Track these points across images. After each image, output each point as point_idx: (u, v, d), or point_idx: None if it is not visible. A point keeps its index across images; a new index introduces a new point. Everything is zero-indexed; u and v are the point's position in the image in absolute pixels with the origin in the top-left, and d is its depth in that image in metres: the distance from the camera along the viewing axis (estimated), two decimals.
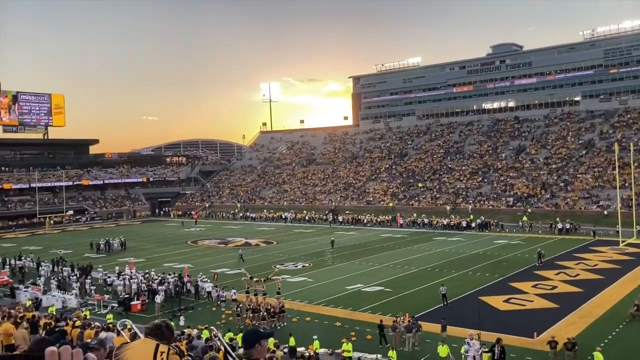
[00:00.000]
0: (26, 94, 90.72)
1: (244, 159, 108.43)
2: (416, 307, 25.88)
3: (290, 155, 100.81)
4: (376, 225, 61.21)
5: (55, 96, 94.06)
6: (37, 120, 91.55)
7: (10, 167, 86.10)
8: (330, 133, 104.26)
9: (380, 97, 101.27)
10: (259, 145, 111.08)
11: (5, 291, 34.08)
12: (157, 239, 57.93)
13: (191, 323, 24.36)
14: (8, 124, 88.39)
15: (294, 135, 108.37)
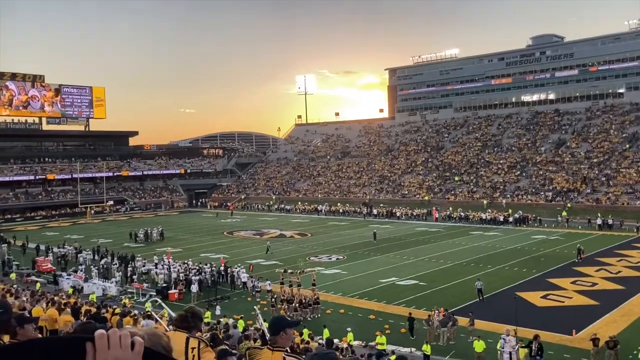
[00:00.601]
0: (68, 87, 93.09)
1: (279, 151, 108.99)
2: (451, 302, 25.66)
3: (325, 147, 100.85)
4: (411, 219, 60.79)
5: (97, 89, 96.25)
6: (79, 113, 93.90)
7: (54, 158, 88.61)
8: (365, 125, 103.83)
9: (417, 89, 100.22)
10: (294, 137, 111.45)
11: (48, 278, 35.21)
12: (194, 230, 58.86)
13: (227, 312, 24.73)
14: (51, 116, 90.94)
15: (329, 128, 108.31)
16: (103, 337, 1.21)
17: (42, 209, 75.91)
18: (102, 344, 1.20)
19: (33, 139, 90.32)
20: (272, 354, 4.19)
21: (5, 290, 21.72)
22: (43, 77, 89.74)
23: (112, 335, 1.22)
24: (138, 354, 1.22)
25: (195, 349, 4.16)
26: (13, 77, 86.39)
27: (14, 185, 78.84)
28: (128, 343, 1.23)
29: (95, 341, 1.20)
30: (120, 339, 1.22)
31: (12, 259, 40.47)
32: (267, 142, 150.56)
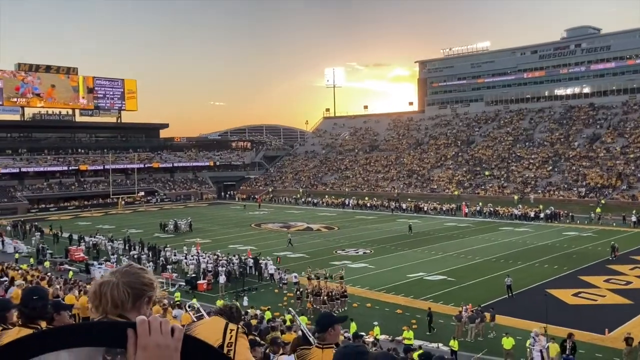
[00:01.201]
0: (101, 79, 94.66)
1: (306, 144, 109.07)
2: (480, 298, 25.33)
3: (353, 141, 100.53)
4: (440, 214, 60.21)
5: (128, 81, 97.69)
6: (111, 105, 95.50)
7: (86, 149, 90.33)
8: (394, 119, 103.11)
9: (447, 82, 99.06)
10: (321, 130, 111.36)
11: (80, 267, 35.95)
12: (222, 221, 59.39)
13: (254, 304, 24.88)
14: (84, 108, 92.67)
15: (357, 121, 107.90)
16: (144, 323, 1.22)
17: (75, 199, 77.55)
18: (144, 330, 1.21)
19: (66, 131, 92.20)
20: (322, 352, 4.17)
21: (39, 277, 22.21)
22: (76, 70, 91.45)
23: (153, 322, 1.23)
24: (178, 340, 1.23)
25: (233, 331, 4.24)
26: (47, 69, 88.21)
27: (48, 175, 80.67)
28: (169, 329, 1.23)
29: (137, 327, 1.21)
30: (160, 325, 1.23)
31: (46, 248, 41.42)
32: (295, 135, 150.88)
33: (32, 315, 3.77)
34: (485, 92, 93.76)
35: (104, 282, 1.84)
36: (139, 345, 1.20)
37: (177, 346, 1.22)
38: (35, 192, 76.85)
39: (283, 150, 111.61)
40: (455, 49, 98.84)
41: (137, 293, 1.85)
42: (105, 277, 1.88)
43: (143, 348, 1.20)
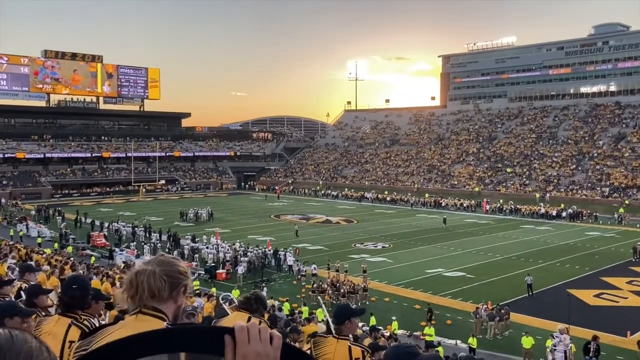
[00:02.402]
0: (125, 67, 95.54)
1: (327, 137, 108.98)
2: (499, 296, 25.17)
3: (374, 134, 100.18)
4: (460, 210, 59.78)
5: (152, 70, 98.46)
6: (134, 93, 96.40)
7: (109, 136, 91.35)
8: (416, 113, 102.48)
9: (471, 77, 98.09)
10: (342, 123, 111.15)
11: (102, 252, 36.46)
12: (242, 211, 59.69)
13: (272, 295, 25.01)
14: (108, 96, 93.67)
15: (378, 115, 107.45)
16: (243, 330, 1.17)
17: (97, 186, 78.57)
18: (243, 337, 1.17)
19: (90, 118, 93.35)
20: (337, 343, 4.20)
21: (62, 262, 22.56)
22: (101, 58, 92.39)
23: (252, 329, 1.18)
24: (277, 349, 1.18)
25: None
26: (73, 56, 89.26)
27: (72, 161, 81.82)
28: (267, 337, 1.19)
29: (236, 334, 1.17)
30: (260, 333, 1.18)
31: (69, 233, 42.05)
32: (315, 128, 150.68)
33: (70, 304, 3.82)
34: (509, 88, 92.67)
35: (140, 270, 1.85)
36: (238, 354, 1.16)
37: (277, 355, 1.18)
38: (59, 177, 78.01)
39: (304, 142, 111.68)
40: (480, 44, 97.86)
41: (174, 282, 1.86)
42: (141, 266, 1.88)
43: (242, 356, 1.15)
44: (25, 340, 1.08)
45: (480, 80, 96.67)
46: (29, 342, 1.08)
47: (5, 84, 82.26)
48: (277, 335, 1.20)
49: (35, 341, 1.10)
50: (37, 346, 1.09)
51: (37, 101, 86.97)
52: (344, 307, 4.67)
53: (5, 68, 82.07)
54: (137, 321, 1.78)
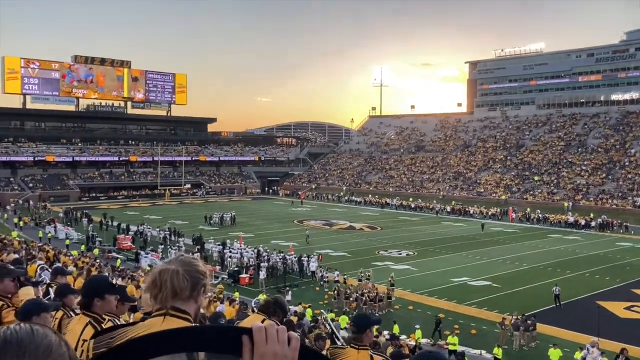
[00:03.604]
0: (153, 73, 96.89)
1: (351, 142, 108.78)
2: (526, 306, 24.64)
3: (399, 140, 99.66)
4: (486, 218, 58.96)
5: (179, 76, 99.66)
6: (161, 98, 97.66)
7: (137, 140, 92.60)
8: (442, 119, 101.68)
9: (498, 84, 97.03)
10: (367, 129, 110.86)
11: (128, 255, 36.85)
12: (265, 216, 59.82)
13: (295, 300, 24.94)
14: (136, 100, 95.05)
15: (403, 121, 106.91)
16: (261, 331, 1.17)
17: (124, 189, 79.61)
18: (261, 338, 1.17)
19: (118, 122, 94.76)
20: (358, 353, 4.10)
21: (89, 264, 22.83)
22: (129, 63, 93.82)
23: (270, 329, 1.18)
24: (295, 350, 1.18)
25: None
26: (102, 62, 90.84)
27: (100, 165, 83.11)
28: (285, 338, 1.19)
29: (254, 334, 1.17)
30: (278, 333, 1.18)
31: (95, 235, 42.64)
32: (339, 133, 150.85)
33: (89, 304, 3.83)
34: (537, 95, 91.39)
35: (164, 269, 1.86)
36: (256, 354, 1.16)
37: (294, 356, 1.17)
38: (87, 180, 79.29)
39: (327, 147, 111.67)
40: (508, 50, 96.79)
41: (195, 281, 1.87)
42: (163, 265, 1.88)
43: (260, 357, 1.15)
44: (45, 334, 1.11)
45: (508, 87, 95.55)
46: (49, 337, 1.11)
47: (37, 89, 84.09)
48: (295, 337, 1.20)
49: (54, 336, 1.13)
50: (56, 341, 1.12)
51: (66, 105, 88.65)
52: (364, 317, 4.59)
53: (37, 73, 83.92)
54: (165, 323, 1.77)
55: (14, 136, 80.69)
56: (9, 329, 1.10)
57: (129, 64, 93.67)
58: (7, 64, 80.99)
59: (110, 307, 3.95)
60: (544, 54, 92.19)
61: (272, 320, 4.44)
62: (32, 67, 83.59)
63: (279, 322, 4.49)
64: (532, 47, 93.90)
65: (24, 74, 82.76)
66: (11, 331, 1.09)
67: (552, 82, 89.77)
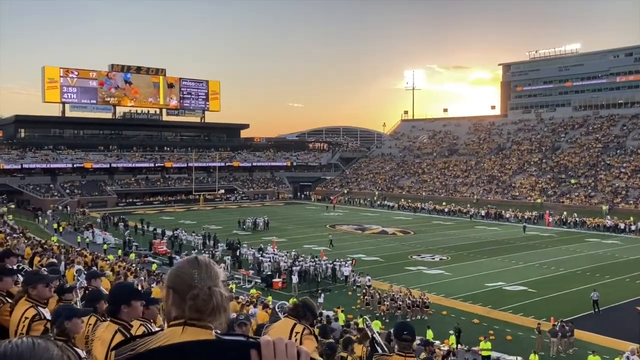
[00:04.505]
0: (187, 80, 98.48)
1: (383, 146, 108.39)
2: (563, 312, 24.17)
3: (432, 144, 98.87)
4: (521, 222, 57.93)
5: (212, 82, 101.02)
6: (195, 105, 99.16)
7: (172, 147, 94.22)
8: (475, 123, 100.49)
9: (532, 86, 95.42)
10: (399, 133, 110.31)
11: (164, 260, 37.50)
12: (298, 221, 60.07)
13: (328, 305, 25.00)
14: (171, 108, 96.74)
15: (436, 124, 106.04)
16: (269, 345, 1.16)
17: (160, 195, 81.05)
18: (269, 353, 1.15)
19: (154, 129, 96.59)
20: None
21: (126, 268, 23.34)
22: (164, 71, 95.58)
23: (279, 343, 1.16)
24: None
25: (298, 334, 4.29)
26: (138, 70, 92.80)
27: (136, 171, 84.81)
28: (295, 353, 1.16)
29: (262, 349, 1.16)
30: (286, 348, 1.16)
31: (132, 240, 43.51)
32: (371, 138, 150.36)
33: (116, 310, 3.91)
34: (573, 96, 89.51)
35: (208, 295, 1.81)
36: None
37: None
38: (123, 186, 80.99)
39: (359, 152, 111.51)
40: (542, 52, 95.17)
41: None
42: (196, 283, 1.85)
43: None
44: (47, 348, 1.09)
45: (543, 89, 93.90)
46: (51, 351, 1.09)
47: (76, 97, 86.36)
48: (305, 351, 1.17)
49: (57, 349, 1.11)
50: (58, 355, 1.10)
51: (104, 113, 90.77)
52: (408, 326, 4.66)
53: (76, 82, 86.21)
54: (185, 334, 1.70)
55: (53, 144, 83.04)
56: (10, 342, 1.09)
57: (163, 71, 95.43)
58: (47, 74, 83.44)
59: (136, 313, 4.02)
60: (579, 55, 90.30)
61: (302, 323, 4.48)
62: (71, 77, 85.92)
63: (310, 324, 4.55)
64: (567, 48, 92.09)
65: (63, 83, 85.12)
66: (12, 345, 1.08)
67: (589, 83, 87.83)
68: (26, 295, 4.61)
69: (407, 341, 4.36)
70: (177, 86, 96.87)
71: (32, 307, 4.47)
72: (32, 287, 4.61)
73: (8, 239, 22.93)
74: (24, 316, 4.40)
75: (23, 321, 4.36)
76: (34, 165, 76.06)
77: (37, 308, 4.47)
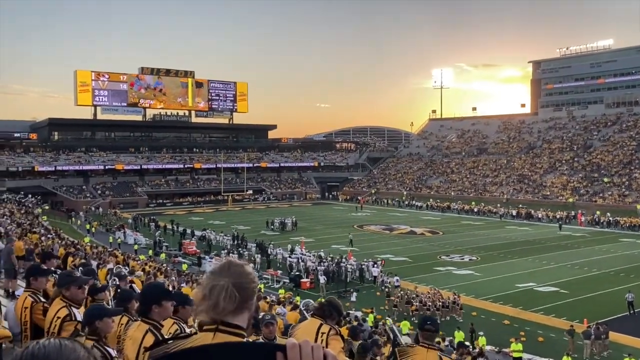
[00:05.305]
0: (215, 82, 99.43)
1: (411, 146, 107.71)
2: (596, 313, 23.67)
3: (460, 143, 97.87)
4: (552, 222, 56.95)
5: (240, 84, 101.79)
6: (224, 106, 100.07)
7: (201, 148, 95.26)
8: (504, 121, 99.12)
9: (563, 83, 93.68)
10: (427, 132, 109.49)
11: (193, 260, 37.93)
12: (325, 221, 60.09)
13: (357, 306, 24.95)
14: (200, 109, 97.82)
15: (464, 123, 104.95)
16: (295, 348, 1.15)
17: (189, 196, 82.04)
18: (295, 356, 1.15)
19: (183, 131, 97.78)
20: (427, 352, 4.19)
21: (156, 268, 23.67)
22: (193, 73, 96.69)
23: (305, 346, 1.15)
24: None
25: (325, 334, 4.28)
26: (167, 72, 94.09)
27: (166, 172, 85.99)
28: (321, 355, 1.16)
29: (287, 351, 1.15)
30: (312, 351, 1.15)
31: (162, 240, 44.12)
32: (399, 137, 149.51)
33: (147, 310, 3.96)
34: (605, 93, 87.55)
35: (214, 285, 1.81)
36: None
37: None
38: (154, 187, 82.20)
39: (387, 151, 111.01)
40: (573, 48, 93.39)
41: (246, 293, 1.82)
42: (213, 279, 1.83)
43: None
44: (73, 349, 1.11)
45: (574, 86, 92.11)
46: (77, 352, 1.11)
47: (107, 100, 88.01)
48: (331, 354, 1.17)
49: (83, 350, 1.13)
50: (84, 356, 1.11)
51: (134, 116, 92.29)
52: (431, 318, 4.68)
53: (107, 85, 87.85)
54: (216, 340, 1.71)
55: (85, 146, 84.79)
56: (38, 343, 1.12)
57: (192, 74, 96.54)
58: (79, 78, 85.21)
59: (167, 313, 4.05)
60: (612, 51, 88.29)
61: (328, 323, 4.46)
62: (102, 80, 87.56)
63: (336, 323, 4.54)
64: (599, 44, 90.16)
65: (95, 86, 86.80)
66: (40, 346, 1.10)
67: (622, 80, 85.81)
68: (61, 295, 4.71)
69: (430, 331, 4.36)
70: (206, 88, 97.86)
71: (65, 307, 4.56)
72: (65, 288, 4.70)
73: (43, 239, 23.49)
74: (56, 315, 4.50)
75: (55, 320, 4.46)
76: (67, 167, 77.74)
77: (69, 308, 4.56)
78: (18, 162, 74.24)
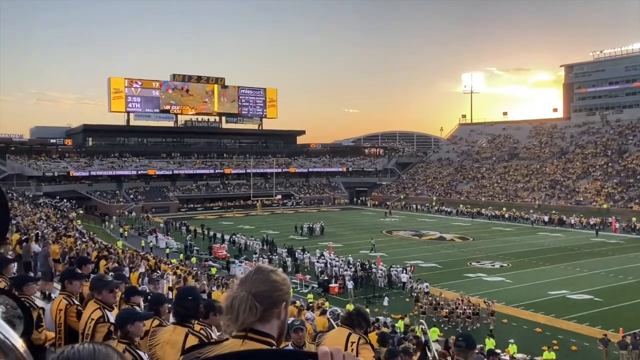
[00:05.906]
0: (245, 88, 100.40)
1: (440, 151, 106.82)
2: (632, 322, 23.09)
3: (491, 148, 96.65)
4: (586, 228, 55.77)
5: (270, 90, 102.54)
6: (253, 112, 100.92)
7: (231, 153, 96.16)
8: (536, 126, 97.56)
9: (597, 87, 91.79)
10: (457, 137, 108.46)
11: (223, 264, 38.30)
12: (354, 227, 59.97)
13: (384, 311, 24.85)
14: (230, 115, 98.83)
15: (495, 128, 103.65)
16: (326, 356, 1.14)
17: (219, 200, 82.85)
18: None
19: (213, 136, 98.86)
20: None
21: (187, 272, 24.00)
22: (223, 80, 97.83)
23: (336, 355, 1.14)
24: None
25: (354, 344, 4.26)
26: (198, 79, 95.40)
27: (196, 177, 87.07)
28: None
29: (320, 359, 1.15)
30: (344, 359, 1.15)
31: (193, 244, 44.67)
32: (428, 142, 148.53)
33: (185, 314, 4.06)
34: None
35: (235, 296, 1.78)
36: None
37: None
38: (185, 192, 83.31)
39: (416, 157, 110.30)
40: (607, 51, 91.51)
41: (271, 301, 1.77)
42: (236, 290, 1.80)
43: None
44: (107, 354, 1.13)
45: (608, 90, 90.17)
46: (110, 356, 1.13)
47: (139, 107, 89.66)
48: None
49: (116, 355, 1.15)
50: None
51: (166, 122, 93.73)
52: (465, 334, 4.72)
53: (140, 92, 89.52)
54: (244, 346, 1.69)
55: (119, 151, 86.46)
56: (72, 347, 1.15)
57: (222, 80, 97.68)
58: (113, 84, 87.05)
59: (214, 321, 4.24)
60: None
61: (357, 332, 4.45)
62: (135, 87, 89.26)
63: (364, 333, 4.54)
64: (635, 47, 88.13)
65: (128, 93, 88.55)
66: (74, 350, 1.13)
67: None
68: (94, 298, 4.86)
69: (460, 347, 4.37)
70: (236, 94, 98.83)
71: (99, 309, 4.69)
72: (97, 292, 4.84)
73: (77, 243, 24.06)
74: (90, 317, 4.64)
75: (89, 322, 4.60)
76: (101, 172, 79.36)
77: (103, 310, 4.68)
78: (54, 168, 76.10)
